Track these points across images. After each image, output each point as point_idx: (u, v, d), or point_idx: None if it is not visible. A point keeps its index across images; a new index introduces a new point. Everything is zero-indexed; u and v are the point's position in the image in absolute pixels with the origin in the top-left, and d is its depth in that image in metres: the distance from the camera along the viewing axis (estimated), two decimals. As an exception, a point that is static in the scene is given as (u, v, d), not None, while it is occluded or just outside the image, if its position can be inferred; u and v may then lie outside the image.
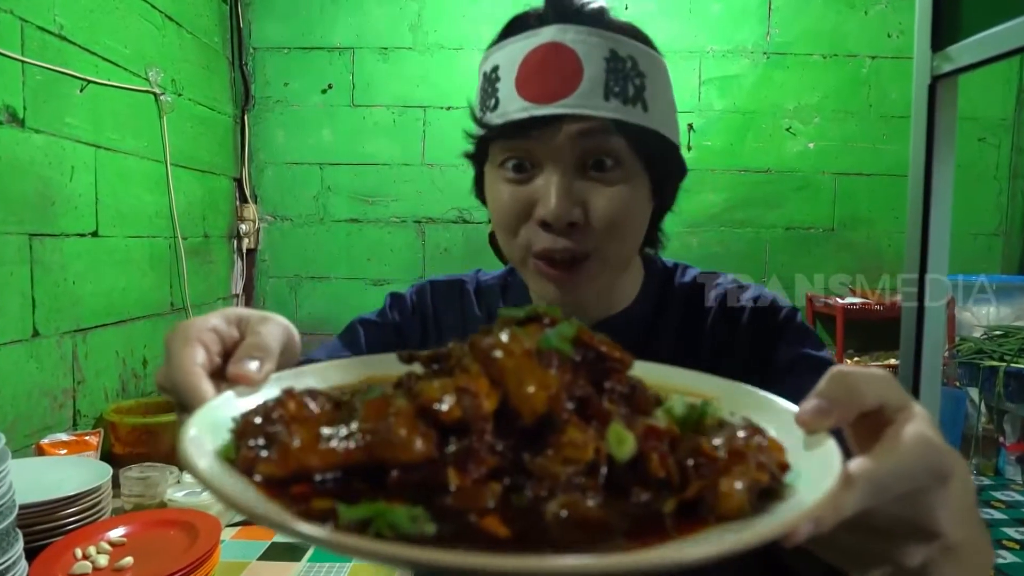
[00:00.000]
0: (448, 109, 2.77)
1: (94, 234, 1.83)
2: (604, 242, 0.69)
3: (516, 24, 0.72)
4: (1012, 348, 2.42)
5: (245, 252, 2.80)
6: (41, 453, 1.48)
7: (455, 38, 2.77)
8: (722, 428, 0.37)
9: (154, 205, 2.12)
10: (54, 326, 1.67)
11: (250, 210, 2.78)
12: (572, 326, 0.39)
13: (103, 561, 1.10)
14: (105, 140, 1.86)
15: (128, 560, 1.11)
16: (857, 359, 2.78)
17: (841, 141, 2.86)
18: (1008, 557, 1.88)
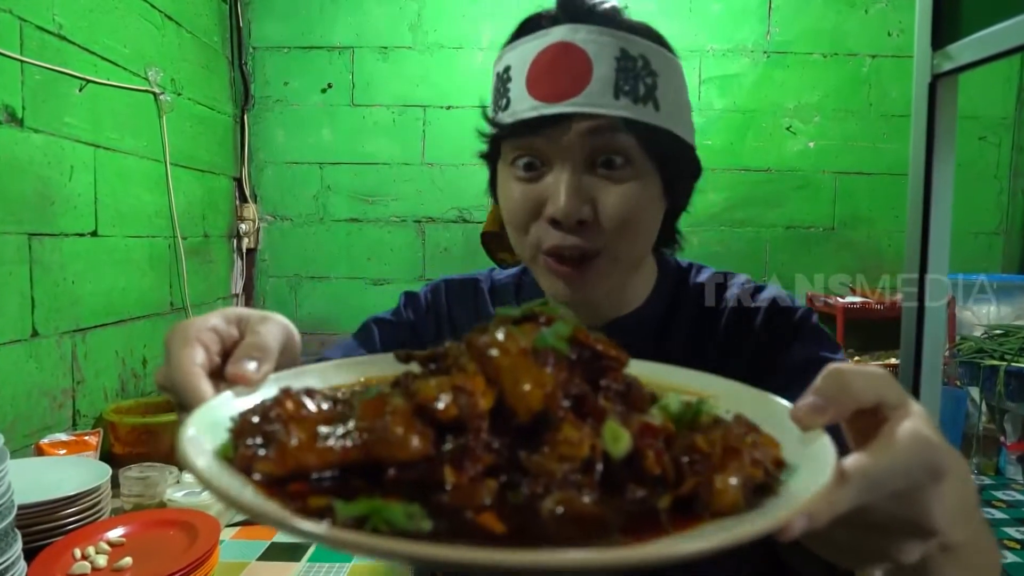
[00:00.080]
0: (448, 109, 2.77)
1: (93, 234, 1.83)
2: (614, 240, 0.69)
3: (528, 25, 0.72)
4: (1013, 347, 2.41)
5: (245, 252, 2.80)
6: (40, 453, 1.48)
7: (455, 37, 2.77)
8: (717, 425, 0.37)
9: (154, 205, 2.12)
10: (53, 326, 1.67)
11: (250, 210, 2.78)
12: (568, 325, 0.39)
13: (102, 561, 1.10)
14: (104, 140, 1.86)
15: (127, 560, 1.11)
16: (858, 359, 2.78)
17: (841, 140, 2.86)
18: (1009, 557, 1.88)
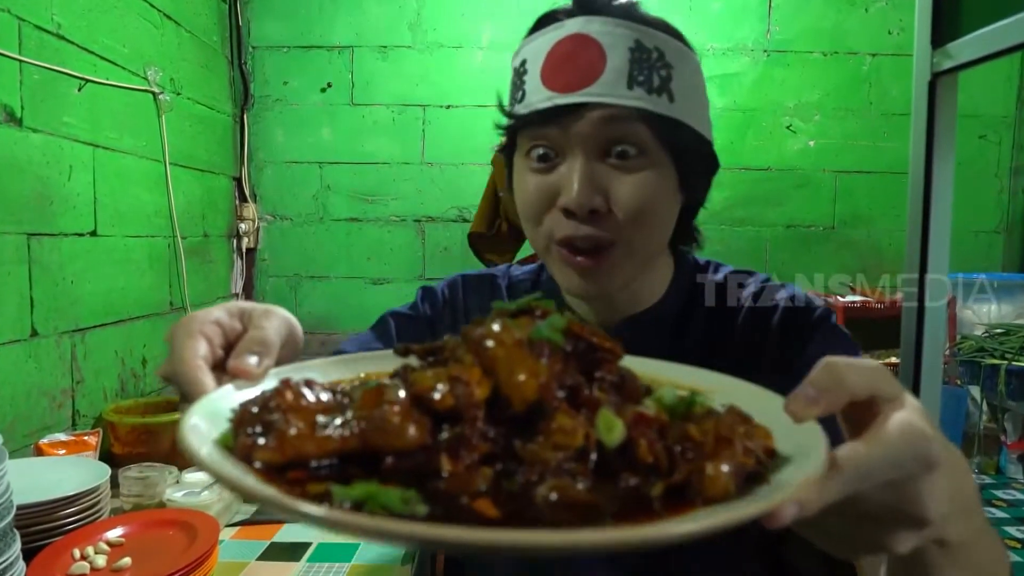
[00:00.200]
0: (448, 108, 2.76)
1: (93, 234, 1.83)
2: (628, 231, 0.69)
3: (544, 19, 0.73)
4: (1013, 346, 2.41)
5: (245, 251, 2.80)
6: (40, 453, 1.48)
7: (454, 37, 2.76)
8: (710, 416, 0.38)
9: (153, 204, 2.12)
10: (52, 326, 1.67)
11: (249, 209, 2.78)
12: (563, 318, 0.39)
13: (101, 561, 1.10)
14: (103, 139, 1.86)
15: (126, 560, 1.10)
16: (858, 357, 2.77)
17: (842, 139, 2.85)
18: (1011, 556, 1.87)
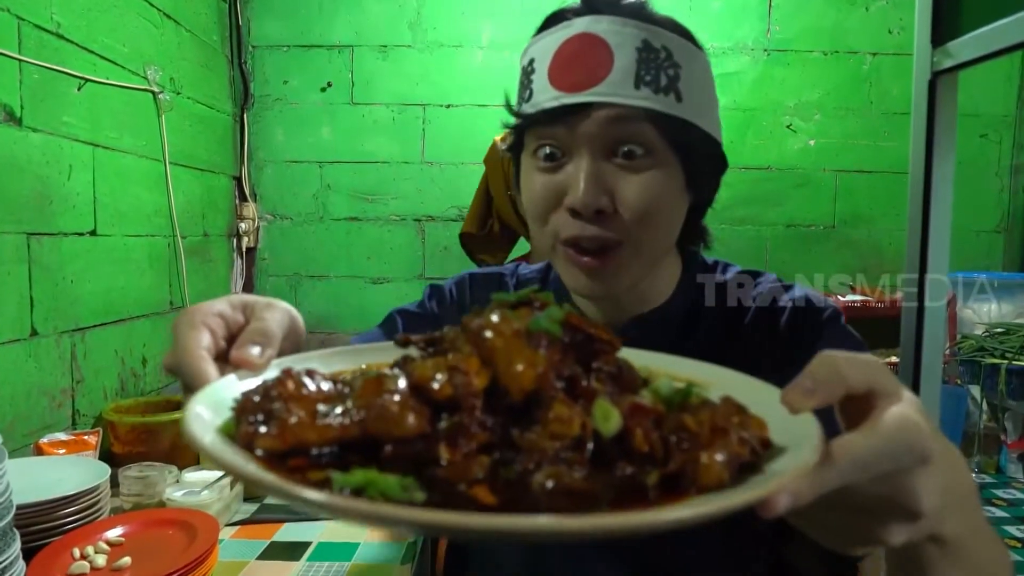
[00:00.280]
0: (448, 107, 2.76)
1: (92, 233, 1.83)
2: (635, 230, 0.69)
3: (553, 18, 0.72)
4: (1014, 345, 2.40)
5: (245, 251, 2.80)
6: (39, 453, 1.48)
7: (454, 36, 2.77)
8: (706, 406, 0.38)
9: (153, 204, 2.12)
10: (52, 325, 1.67)
11: (249, 209, 2.78)
12: (561, 309, 0.40)
13: (101, 561, 1.10)
14: (103, 139, 1.86)
15: (126, 560, 1.10)
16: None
17: (842, 138, 2.85)
18: (1011, 555, 1.87)
